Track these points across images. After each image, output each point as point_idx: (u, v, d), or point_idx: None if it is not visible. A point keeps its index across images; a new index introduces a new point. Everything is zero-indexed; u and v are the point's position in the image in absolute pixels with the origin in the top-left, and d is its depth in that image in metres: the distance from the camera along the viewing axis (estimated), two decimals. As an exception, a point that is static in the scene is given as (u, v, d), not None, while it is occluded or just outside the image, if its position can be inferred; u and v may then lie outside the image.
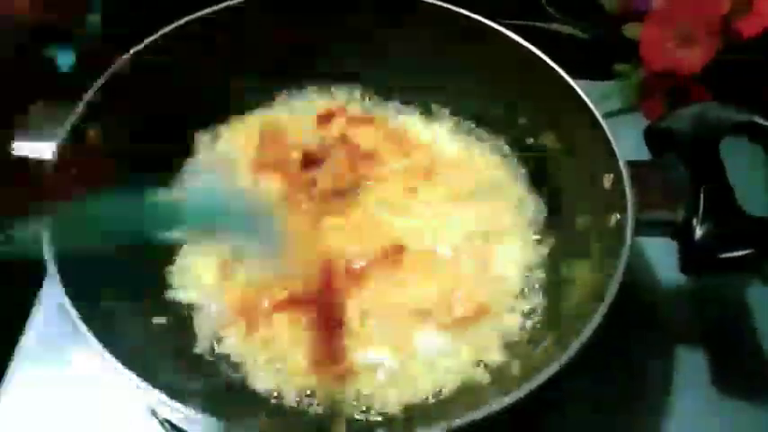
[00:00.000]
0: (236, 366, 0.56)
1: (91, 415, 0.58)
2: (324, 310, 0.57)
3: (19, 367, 0.60)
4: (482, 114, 0.69)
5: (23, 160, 0.53)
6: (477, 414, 0.44)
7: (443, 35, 0.65)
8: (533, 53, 0.61)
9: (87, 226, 0.48)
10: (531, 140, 0.66)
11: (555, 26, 0.81)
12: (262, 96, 0.69)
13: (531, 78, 0.62)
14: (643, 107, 0.77)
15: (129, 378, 0.45)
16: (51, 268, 0.48)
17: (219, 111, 0.67)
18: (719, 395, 0.60)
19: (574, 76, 0.59)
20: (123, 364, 0.45)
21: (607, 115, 0.57)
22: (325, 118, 0.68)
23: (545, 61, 0.60)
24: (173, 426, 0.56)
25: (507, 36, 0.62)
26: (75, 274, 0.49)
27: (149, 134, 0.59)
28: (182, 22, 0.61)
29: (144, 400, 0.57)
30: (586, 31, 0.82)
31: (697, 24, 0.70)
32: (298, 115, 0.69)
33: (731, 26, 0.70)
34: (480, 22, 0.63)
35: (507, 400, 0.44)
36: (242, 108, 0.68)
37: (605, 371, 0.59)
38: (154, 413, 0.57)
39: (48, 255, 0.48)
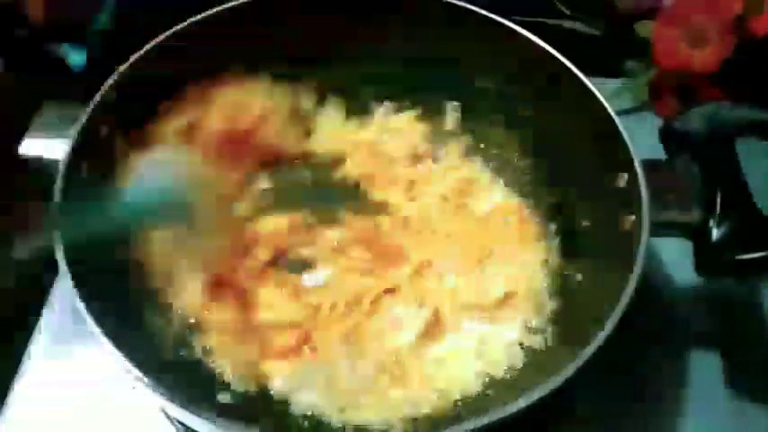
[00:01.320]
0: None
1: (103, 415, 0.58)
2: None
3: (31, 367, 0.60)
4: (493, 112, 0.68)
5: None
6: (483, 420, 0.43)
7: (453, 32, 0.64)
8: (546, 50, 0.60)
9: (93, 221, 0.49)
10: (542, 138, 0.65)
11: (566, 23, 0.81)
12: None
13: (544, 75, 0.61)
14: (655, 105, 0.77)
15: (142, 379, 0.45)
16: (63, 268, 0.48)
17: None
18: (735, 397, 0.60)
19: (585, 74, 0.59)
20: (135, 364, 0.45)
21: (618, 113, 0.56)
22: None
23: (558, 58, 0.60)
24: (184, 426, 0.56)
25: (519, 33, 0.61)
26: (88, 273, 0.48)
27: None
28: (194, 19, 0.60)
29: (156, 401, 0.56)
30: (598, 29, 0.81)
31: (710, 23, 0.70)
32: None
33: (744, 25, 0.69)
34: (492, 18, 0.62)
35: (521, 403, 0.44)
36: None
37: (620, 372, 0.58)
38: (166, 413, 0.57)
39: (59, 254, 0.48)
